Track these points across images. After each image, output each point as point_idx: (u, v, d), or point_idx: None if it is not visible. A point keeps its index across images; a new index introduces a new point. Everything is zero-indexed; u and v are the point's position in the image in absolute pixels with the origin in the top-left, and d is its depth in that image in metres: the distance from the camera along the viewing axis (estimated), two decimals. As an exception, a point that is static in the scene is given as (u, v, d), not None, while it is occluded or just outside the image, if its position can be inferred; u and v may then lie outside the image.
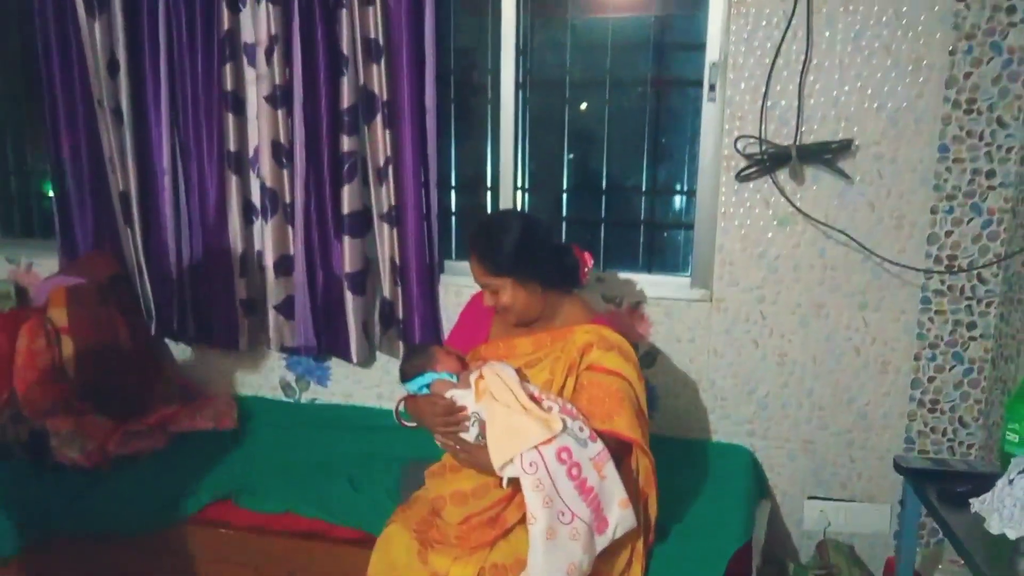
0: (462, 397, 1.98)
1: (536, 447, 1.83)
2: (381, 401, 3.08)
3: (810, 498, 2.71)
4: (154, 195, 3.01)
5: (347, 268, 2.84)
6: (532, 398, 1.93)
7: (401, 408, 2.17)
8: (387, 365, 3.03)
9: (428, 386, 2.05)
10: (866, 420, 2.61)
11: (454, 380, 2.03)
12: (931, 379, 2.54)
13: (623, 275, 2.75)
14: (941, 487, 1.68)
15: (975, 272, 2.43)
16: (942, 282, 2.47)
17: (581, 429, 1.89)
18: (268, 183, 2.85)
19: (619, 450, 1.95)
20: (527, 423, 1.86)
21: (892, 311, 2.52)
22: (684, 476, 2.46)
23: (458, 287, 2.90)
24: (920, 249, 2.46)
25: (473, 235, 2.06)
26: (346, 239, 2.81)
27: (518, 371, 2.02)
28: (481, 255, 2.01)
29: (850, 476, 2.66)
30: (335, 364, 3.09)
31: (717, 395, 2.72)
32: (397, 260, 2.83)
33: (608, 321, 2.12)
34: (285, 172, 2.85)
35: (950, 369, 2.52)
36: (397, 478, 2.52)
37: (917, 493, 1.75)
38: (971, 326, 2.47)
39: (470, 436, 1.95)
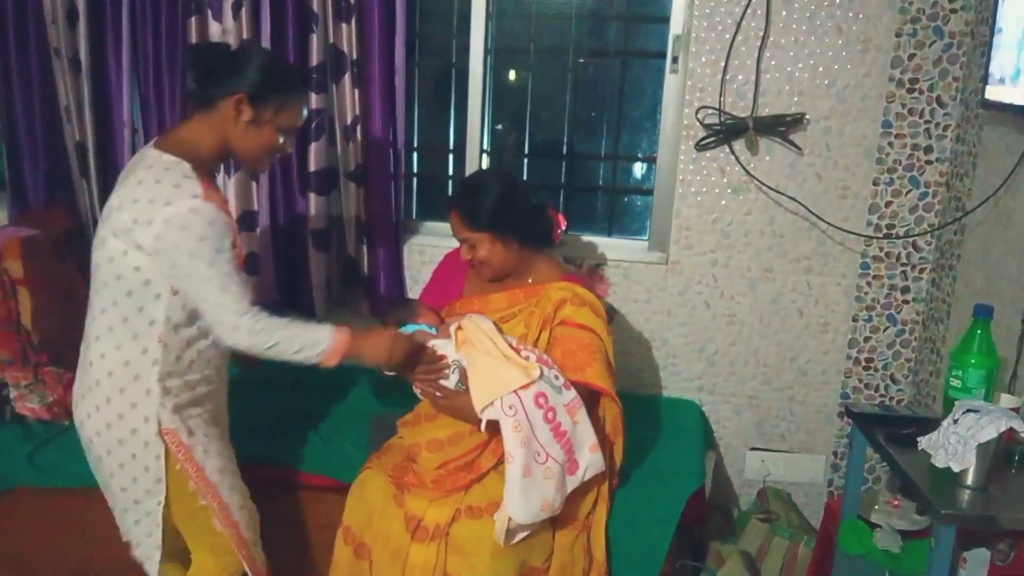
0: (443, 346, 2.06)
1: (515, 391, 1.93)
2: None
3: (752, 449, 2.89)
4: (112, 148, 2.97)
5: (312, 225, 2.87)
6: (511, 347, 2.03)
7: None
8: (352, 322, 3.07)
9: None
10: (806, 377, 2.80)
11: (434, 332, 2.10)
12: (867, 339, 2.74)
13: (584, 237, 2.86)
14: (888, 430, 1.85)
15: (911, 240, 2.63)
16: (880, 248, 2.66)
17: (556, 377, 2.00)
18: (233, 138, 2.84)
19: (590, 399, 2.07)
20: (507, 368, 1.95)
21: (834, 276, 2.71)
22: (639, 428, 2.59)
23: (422, 247, 2.96)
24: (862, 218, 2.65)
25: (456, 191, 2.14)
26: (312, 196, 2.84)
27: (495, 323, 2.11)
28: (463, 210, 2.08)
29: (789, 429, 2.85)
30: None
31: (669, 353, 2.87)
32: (362, 218, 2.87)
33: (580, 279, 2.23)
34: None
35: (884, 330, 2.72)
36: (365, 432, 2.59)
37: (866, 436, 1.91)
38: (904, 290, 2.67)
39: (450, 383, 2.04)
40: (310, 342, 1.82)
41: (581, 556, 2.11)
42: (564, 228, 2.24)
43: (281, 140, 1.84)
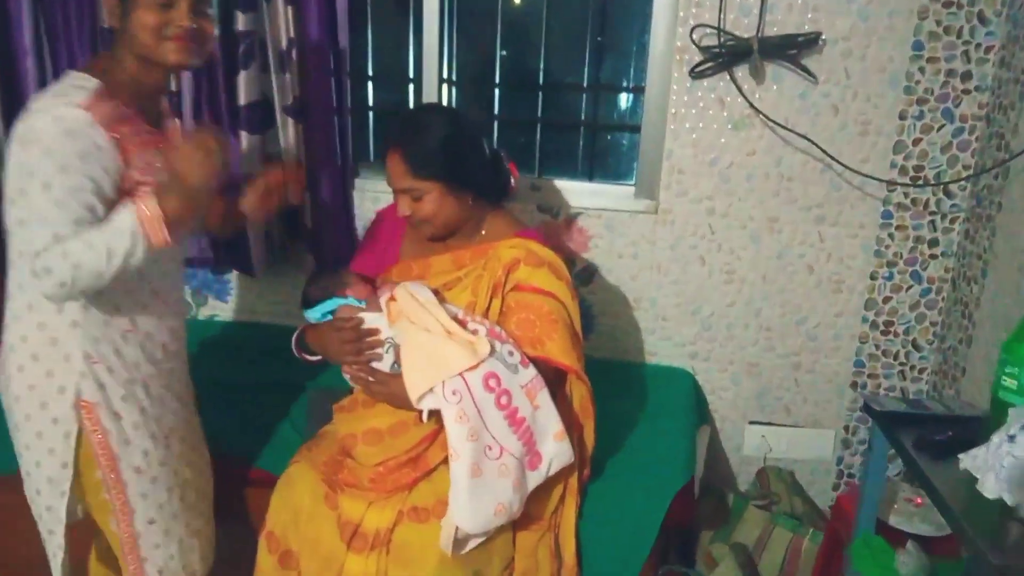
0: (373, 320, 1.70)
1: (460, 373, 1.57)
2: (290, 319, 2.77)
3: (752, 423, 2.55)
4: (15, 79, 2.55)
5: (245, 168, 2.47)
6: (455, 320, 1.66)
7: (303, 338, 1.88)
8: (296, 280, 2.71)
9: (332, 313, 1.76)
10: (815, 342, 2.44)
11: (361, 305, 1.74)
12: (886, 299, 2.37)
13: (560, 183, 2.47)
14: (919, 434, 1.48)
15: (942, 185, 2.24)
16: (905, 195, 2.27)
17: (511, 353, 1.64)
18: (150, 67, 2.43)
19: (553, 378, 1.71)
20: (449, 346, 1.59)
21: (850, 226, 2.32)
22: (621, 401, 2.25)
23: (375, 193, 2.58)
24: (885, 158, 2.25)
25: (398, 129, 1.75)
26: (243, 135, 2.43)
27: (436, 292, 1.75)
28: (407, 152, 1.70)
29: (795, 401, 2.51)
30: (237, 277, 2.75)
31: (659, 315, 2.51)
32: (304, 161, 2.47)
33: (537, 235, 1.85)
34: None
35: (907, 289, 2.35)
36: (304, 409, 2.25)
37: (891, 441, 1.55)
38: (933, 243, 2.29)
39: (384, 365, 1.68)
40: (115, 232, 1.41)
41: (547, 560, 1.78)
42: (517, 178, 1.86)
43: (160, 12, 1.47)
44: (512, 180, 1.85)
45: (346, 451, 1.81)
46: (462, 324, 1.66)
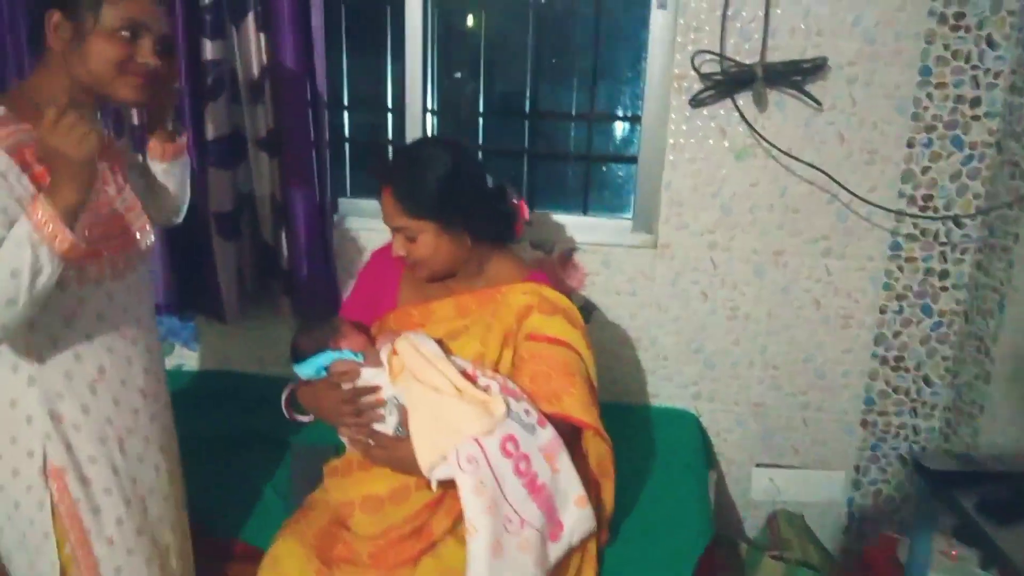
0: (373, 377, 1.54)
1: (475, 438, 1.42)
2: (264, 367, 2.58)
3: (759, 466, 2.43)
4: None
5: (213, 207, 2.29)
6: (463, 375, 1.51)
7: (294, 397, 1.70)
8: (269, 326, 2.53)
9: (327, 368, 1.59)
10: (824, 380, 2.33)
11: (359, 360, 1.57)
12: (896, 334, 2.27)
13: (555, 216, 2.34)
14: (980, 497, 1.36)
15: (952, 215, 2.15)
16: (915, 225, 2.19)
17: (527, 412, 1.49)
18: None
19: (569, 435, 1.57)
20: (462, 408, 1.44)
21: (858, 259, 2.23)
22: (625, 447, 2.08)
23: (355, 231, 2.42)
24: (893, 188, 2.16)
25: (391, 165, 1.60)
26: (211, 171, 2.26)
27: (440, 343, 1.59)
28: (399, 191, 1.55)
29: (803, 441, 2.39)
30: (205, 323, 2.56)
31: (659, 354, 2.38)
32: (279, 198, 2.31)
33: (547, 278, 1.71)
34: (131, 85, 2.25)
35: (917, 323, 2.26)
36: (287, 470, 2.07)
37: (948, 503, 1.43)
38: (943, 275, 2.21)
39: (387, 427, 1.52)
40: (12, 248, 1.22)
41: (566, 636, 1.63)
42: (527, 219, 1.72)
43: (123, 45, 1.33)
44: (522, 220, 1.70)
45: (341, 521, 1.64)
46: (471, 379, 1.51)
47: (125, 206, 1.47)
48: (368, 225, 2.41)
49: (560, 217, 2.35)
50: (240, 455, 2.13)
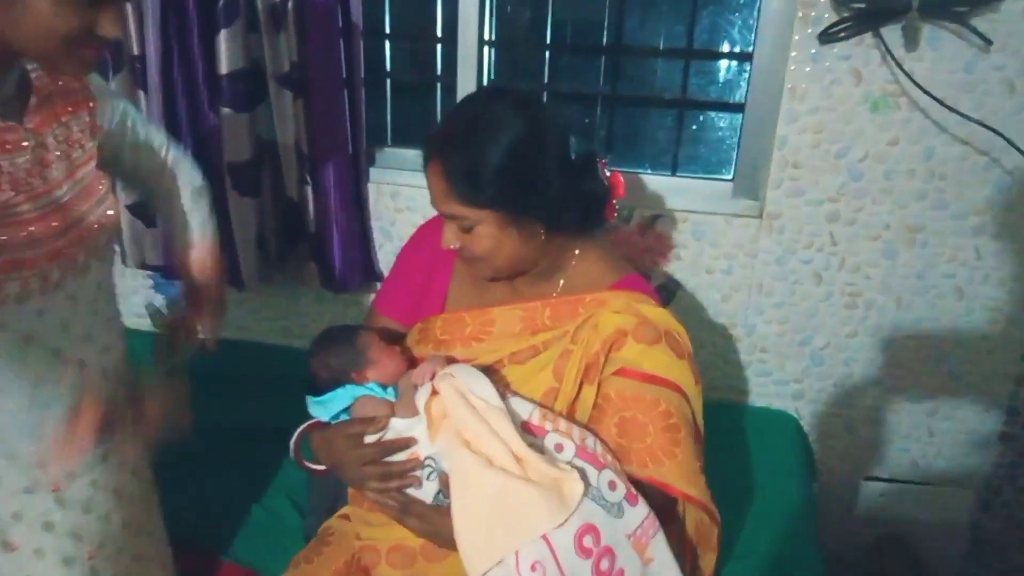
0: (407, 428, 1.16)
1: (543, 535, 1.04)
2: (289, 339, 2.25)
3: (867, 479, 2.04)
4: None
5: (228, 156, 1.92)
6: (526, 428, 1.13)
7: (307, 439, 1.34)
8: (297, 293, 2.18)
9: (348, 410, 1.22)
10: (959, 383, 1.92)
11: (390, 398, 1.20)
12: (1058, 333, 1.84)
13: (634, 176, 1.92)
14: None
15: None
16: (1098, 199, 1.73)
17: (612, 486, 1.10)
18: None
19: (664, 503, 1.18)
20: (524, 492, 1.05)
21: (1018, 239, 1.78)
22: (710, 455, 1.74)
23: (395, 187, 2.03)
24: (1075, 152, 1.70)
25: (437, 133, 1.20)
26: (225, 114, 1.88)
27: (494, 372, 1.21)
28: (451, 169, 1.15)
29: (925, 454, 1.99)
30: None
31: (756, 345, 1.98)
32: (304, 146, 1.93)
33: (644, 285, 1.31)
34: (130, 8, 1.86)
35: (1086, 321, 1.82)
36: (304, 487, 1.74)
37: None
38: None
39: (425, 494, 1.15)
40: None
41: None
42: (622, 195, 1.30)
43: (77, 14, 0.90)
44: (614, 199, 1.29)
45: (362, 568, 1.30)
46: (537, 433, 1.13)
47: (77, 191, 1.07)
48: (412, 180, 2.02)
49: (643, 177, 1.93)
50: (252, 452, 1.80)
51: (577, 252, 1.29)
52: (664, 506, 1.18)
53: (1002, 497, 2.00)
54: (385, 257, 2.09)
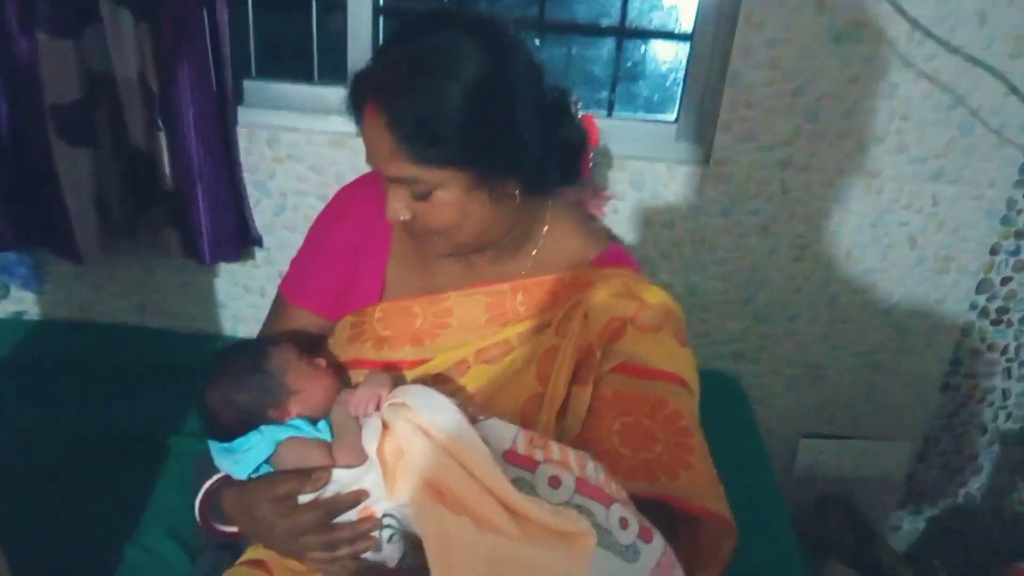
0: (355, 479, 0.87)
1: None
2: (144, 317, 1.85)
3: (807, 436, 1.93)
4: None
5: (51, 96, 1.48)
6: (510, 460, 0.86)
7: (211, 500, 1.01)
8: (149, 263, 1.78)
9: (270, 460, 0.91)
10: (904, 337, 1.81)
11: (323, 436, 0.90)
12: (1005, 280, 1.75)
13: (568, 118, 1.64)
14: None
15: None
16: (1055, 142, 1.62)
17: (624, 523, 0.86)
18: None
19: (668, 521, 0.96)
20: (526, 557, 0.80)
21: (976, 184, 1.66)
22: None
23: (271, 130, 1.66)
24: (1040, 89, 1.57)
25: (372, 75, 0.87)
26: (42, 41, 1.43)
27: (458, 377, 0.95)
28: (400, 118, 0.84)
29: (867, 410, 1.90)
30: (54, 257, 1.77)
31: (697, 303, 1.79)
32: (152, 81, 1.51)
33: (630, 258, 1.07)
34: None
35: (1035, 268, 1.74)
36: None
37: None
38: (1080, 207, 1.68)
39: (386, 557, 0.87)
40: None
41: None
42: (596, 142, 1.03)
43: None
44: (588, 146, 1.02)
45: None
46: (525, 466, 0.87)
47: None
48: (291, 121, 1.66)
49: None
50: (115, 468, 1.44)
51: (549, 216, 1.02)
52: (669, 523, 0.96)
53: (939, 447, 1.94)
54: (262, 218, 1.73)
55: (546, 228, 1.03)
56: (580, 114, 1.03)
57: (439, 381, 0.97)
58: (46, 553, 1.27)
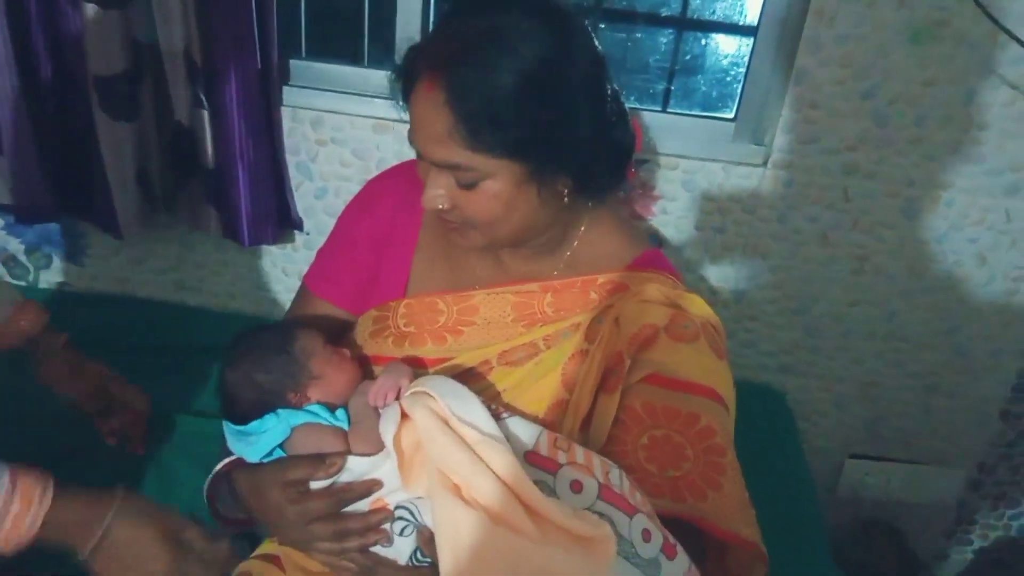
0: (370, 469, 0.84)
1: None
2: (183, 293, 1.84)
3: (852, 456, 1.85)
4: None
5: (95, 67, 1.46)
6: (531, 461, 0.82)
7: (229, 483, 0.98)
8: (188, 238, 1.77)
9: (284, 445, 0.88)
10: (964, 359, 1.71)
11: (341, 425, 0.87)
12: (1080, 305, 1.65)
13: (621, 111, 1.58)
14: None
15: None
16: None
17: (647, 536, 0.82)
18: None
19: (694, 543, 0.91)
20: (543, 559, 0.76)
21: (1055, 201, 1.55)
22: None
23: (316, 112, 1.62)
24: None
25: (434, 48, 0.83)
26: (86, 9, 1.41)
27: (479, 379, 0.91)
28: (460, 97, 0.80)
29: (919, 432, 1.80)
30: (95, 229, 1.77)
31: (744, 313, 1.71)
32: (197, 55, 1.48)
33: (668, 263, 1.02)
34: None
35: (1113, 293, 1.63)
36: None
37: None
38: None
39: (396, 552, 0.83)
40: None
41: None
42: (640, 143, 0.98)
43: None
44: (632, 151, 0.97)
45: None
46: (547, 467, 0.82)
47: None
48: (336, 104, 1.62)
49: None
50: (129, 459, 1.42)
51: (587, 218, 0.97)
52: (696, 543, 0.91)
53: (995, 476, 1.84)
54: (304, 201, 1.70)
55: (583, 228, 0.98)
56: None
57: (460, 380, 0.93)
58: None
